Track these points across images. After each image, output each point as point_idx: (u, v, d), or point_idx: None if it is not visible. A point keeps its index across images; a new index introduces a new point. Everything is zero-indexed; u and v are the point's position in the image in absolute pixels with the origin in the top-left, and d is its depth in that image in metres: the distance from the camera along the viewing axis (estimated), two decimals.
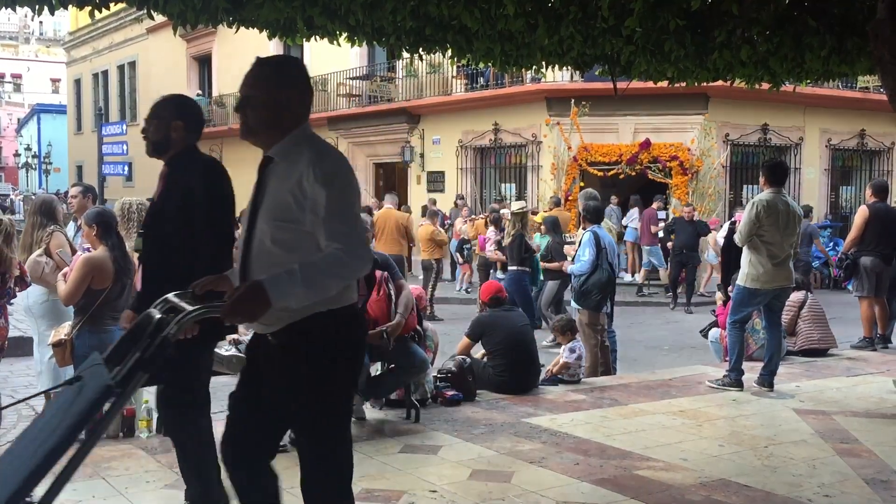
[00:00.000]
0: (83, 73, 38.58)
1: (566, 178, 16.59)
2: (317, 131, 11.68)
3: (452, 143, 19.27)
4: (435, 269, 13.15)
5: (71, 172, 40.66)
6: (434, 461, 4.94)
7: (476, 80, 18.77)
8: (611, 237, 7.92)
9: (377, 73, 21.56)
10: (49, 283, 5.99)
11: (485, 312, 7.12)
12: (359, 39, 5.46)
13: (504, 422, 5.84)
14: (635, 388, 7.05)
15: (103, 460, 4.77)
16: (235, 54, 26.11)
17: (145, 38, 31.62)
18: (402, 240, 12.29)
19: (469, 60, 6.00)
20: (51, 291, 6.12)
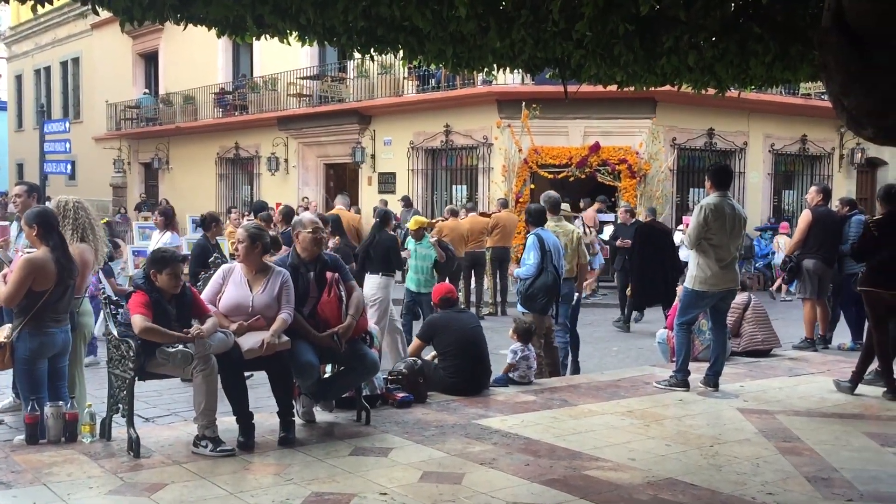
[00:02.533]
0: (24, 68, 37.59)
1: (517, 181, 16.68)
2: (266, 131, 11.74)
3: (404, 144, 19.24)
4: None
5: (11, 171, 39.55)
6: (385, 463, 4.92)
7: (427, 81, 18.77)
8: (556, 239, 7.91)
9: (328, 73, 21.41)
10: None
11: (436, 314, 7.12)
12: (309, 39, 5.41)
13: (455, 423, 5.84)
14: (584, 389, 7.12)
15: (44, 466, 4.66)
16: (183, 52, 25.74)
17: (90, 34, 30.93)
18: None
19: (421, 62, 5.99)
20: None
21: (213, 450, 4.93)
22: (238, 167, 25.18)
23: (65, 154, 23.04)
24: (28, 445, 5.07)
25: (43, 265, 5.13)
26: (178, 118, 26.07)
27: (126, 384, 5.02)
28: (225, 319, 5.31)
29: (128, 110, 28.40)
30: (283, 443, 5.21)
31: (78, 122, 30.26)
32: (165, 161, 27.44)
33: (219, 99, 24.60)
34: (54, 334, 5.24)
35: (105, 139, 29.69)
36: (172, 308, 5.16)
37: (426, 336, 6.90)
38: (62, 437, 5.13)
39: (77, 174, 27.20)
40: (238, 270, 5.53)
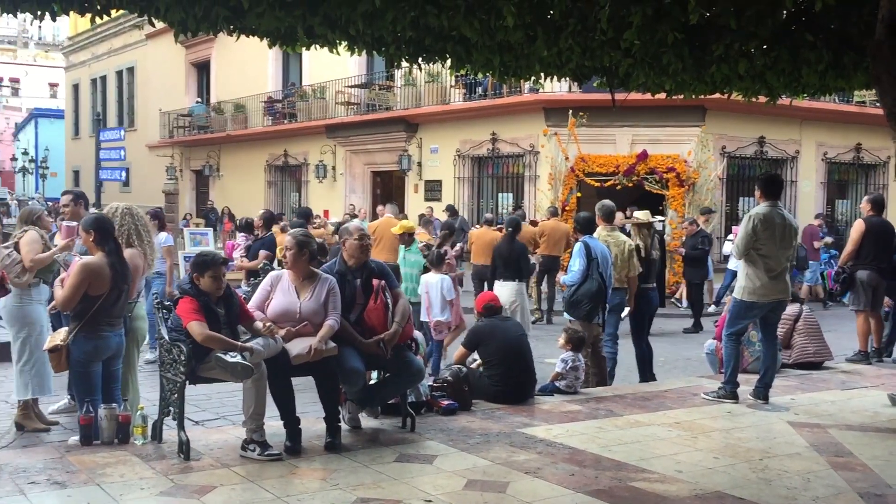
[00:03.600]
0: (81, 77, 38.60)
1: (563, 189, 16.61)
2: (315, 139, 11.82)
3: (450, 152, 19.30)
4: None
5: (68, 177, 40.64)
6: (429, 470, 4.93)
7: (474, 89, 18.83)
8: (604, 248, 7.86)
9: (375, 82, 21.60)
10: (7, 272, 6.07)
11: (481, 322, 7.13)
12: (358, 49, 5.49)
13: (500, 432, 5.84)
14: (631, 400, 7.05)
15: (98, 467, 4.77)
16: (234, 61, 26.18)
17: (144, 44, 31.66)
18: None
19: (468, 70, 6.03)
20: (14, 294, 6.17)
21: (261, 454, 5.00)
22: (286, 174, 25.51)
23: (119, 161, 23.62)
24: (82, 446, 5.19)
25: (98, 270, 5.27)
26: (229, 126, 26.51)
27: (177, 388, 5.12)
28: (262, 324, 5.37)
29: (180, 118, 28.98)
30: (330, 448, 5.26)
31: (132, 131, 30.97)
32: (216, 168, 27.92)
33: (268, 107, 24.97)
34: (108, 338, 5.37)
35: (158, 147, 30.33)
36: (221, 310, 5.25)
37: (471, 344, 6.91)
38: (115, 439, 5.25)
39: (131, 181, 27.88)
40: (286, 277, 5.61)
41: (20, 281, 6.12)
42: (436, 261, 8.96)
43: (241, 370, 4.94)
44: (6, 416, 6.34)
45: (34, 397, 6.23)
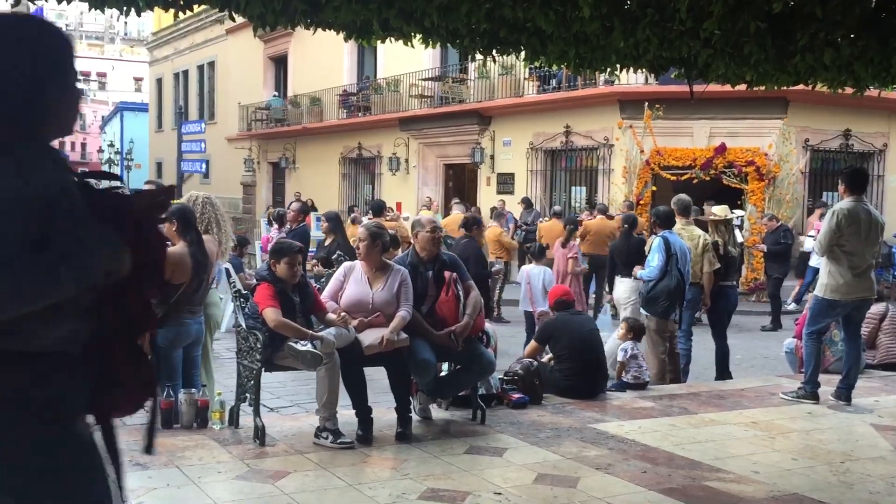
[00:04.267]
0: (164, 72, 39.74)
1: (638, 182, 16.37)
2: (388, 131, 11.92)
3: (523, 145, 19.22)
4: (502, 271, 13.13)
5: (151, 169, 41.91)
6: (499, 463, 4.94)
7: (548, 81, 18.68)
8: (683, 242, 7.74)
9: (449, 75, 21.63)
10: None
11: (552, 316, 7.09)
12: (433, 41, 5.49)
13: (570, 426, 5.80)
14: (706, 398, 6.92)
15: (178, 449, 4.92)
16: (311, 55, 26.58)
17: (224, 39, 32.38)
18: None
19: (543, 63, 5.98)
20: None
21: (334, 441, 5.08)
22: (360, 167, 25.79)
23: (200, 153, 24.24)
24: (163, 429, 5.36)
25: (180, 259, 5.42)
26: (305, 119, 26.93)
27: (253, 375, 5.24)
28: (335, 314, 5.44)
29: (258, 111, 29.56)
30: (400, 438, 5.31)
31: (212, 123, 31.73)
32: (292, 160, 28.41)
33: (343, 100, 25.26)
34: (189, 325, 5.53)
35: (237, 139, 31.02)
36: (296, 298, 5.36)
37: (542, 338, 6.88)
38: (194, 423, 5.41)
39: (210, 173, 28.55)
40: (359, 268, 5.68)
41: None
42: (537, 253, 9.18)
43: (311, 359, 5.03)
44: None
45: None
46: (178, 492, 4.26)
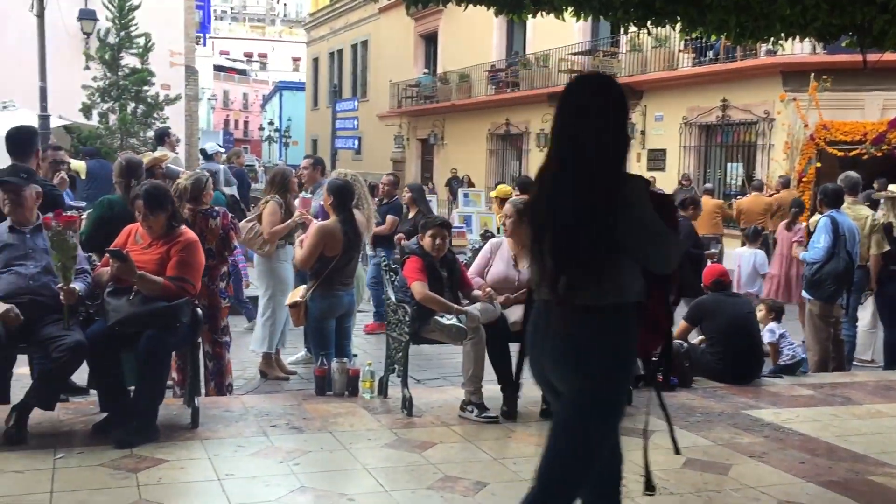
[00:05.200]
0: (321, 52, 41.11)
1: (801, 159, 15.46)
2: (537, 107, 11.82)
3: (676, 120, 18.57)
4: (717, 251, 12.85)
5: (307, 146, 43.61)
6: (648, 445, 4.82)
7: (704, 53, 17.92)
8: (852, 223, 7.26)
9: (600, 48, 21.17)
10: (252, 246, 6.55)
11: (706, 296, 6.84)
12: (585, 14, 5.37)
13: (722, 412, 5.60)
14: (873, 388, 6.50)
15: (330, 416, 5.12)
16: (460, 32, 26.72)
17: (377, 18, 33.10)
18: None
19: (701, 33, 5.72)
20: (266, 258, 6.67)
21: (479, 415, 5.14)
22: (508, 143, 25.76)
23: (352, 130, 25.00)
24: (317, 396, 5.60)
25: (332, 233, 5.63)
26: (454, 95, 27.14)
27: (402, 347, 5.37)
28: (481, 290, 5.46)
29: (408, 89, 30.08)
30: (545, 415, 5.29)
31: (364, 101, 32.58)
32: (440, 137, 28.75)
33: (491, 76, 25.26)
34: (341, 296, 5.74)
35: (387, 116, 31.71)
36: (444, 272, 5.43)
37: (694, 318, 6.66)
38: (346, 391, 5.61)
39: (362, 149, 29.36)
40: (505, 245, 5.68)
41: (262, 252, 6.63)
42: (752, 236, 9.32)
43: (457, 332, 5.09)
44: (253, 364, 6.96)
45: (268, 350, 6.78)
46: (331, 455, 4.43)
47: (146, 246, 4.76)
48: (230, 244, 5.71)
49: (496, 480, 4.15)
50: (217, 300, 5.63)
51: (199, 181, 5.68)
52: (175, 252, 4.70)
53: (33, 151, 5.51)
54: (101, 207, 5.63)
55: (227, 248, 5.69)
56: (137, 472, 4.03)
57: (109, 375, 4.61)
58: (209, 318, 5.57)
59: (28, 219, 4.72)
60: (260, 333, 6.73)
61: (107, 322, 4.51)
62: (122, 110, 18.58)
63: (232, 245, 5.74)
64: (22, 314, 4.34)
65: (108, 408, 4.64)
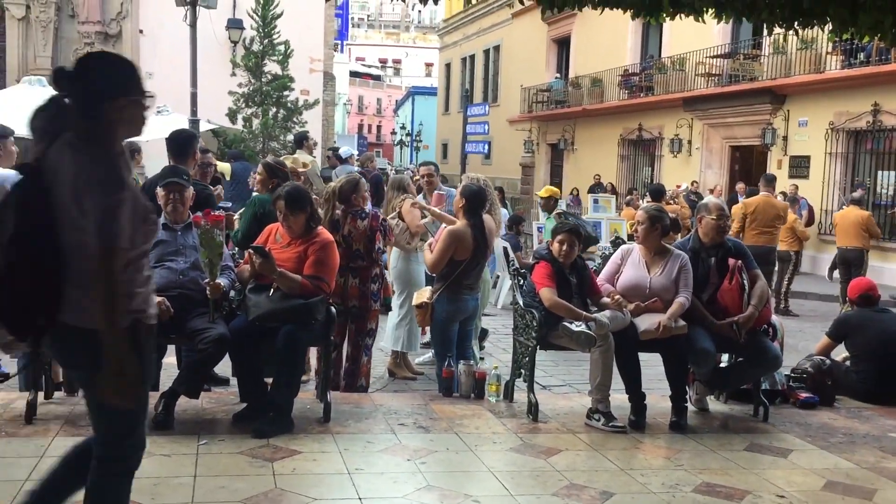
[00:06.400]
0: (453, 57, 41.60)
1: None
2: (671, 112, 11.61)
3: (821, 125, 17.66)
4: (793, 260, 12.24)
5: (437, 150, 44.22)
6: (783, 464, 4.63)
7: (855, 55, 16.97)
8: None
9: (740, 51, 20.41)
10: (399, 243, 6.65)
11: (852, 311, 6.49)
12: (727, 16, 5.22)
13: (867, 433, 5.29)
14: None
15: (456, 417, 5.17)
16: (594, 36, 26.42)
17: (510, 23, 33.17)
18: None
19: (852, 35, 5.44)
20: (401, 256, 6.77)
21: (605, 424, 5.06)
22: (640, 148, 25.25)
23: (483, 135, 25.15)
24: (443, 397, 5.67)
25: (463, 237, 5.68)
26: (585, 100, 26.84)
27: (529, 352, 5.36)
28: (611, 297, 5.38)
29: (539, 94, 29.99)
30: (674, 427, 5.16)
31: (495, 106, 32.71)
32: (571, 142, 28.50)
33: (625, 81, 24.84)
34: (467, 300, 5.78)
35: (517, 121, 31.71)
36: (573, 279, 5.39)
37: (837, 334, 6.33)
38: (472, 394, 5.65)
39: (492, 154, 29.50)
40: (637, 252, 5.58)
41: (409, 246, 6.77)
42: None
43: (585, 339, 5.03)
44: (382, 363, 7.12)
45: (403, 351, 6.92)
46: (457, 457, 4.48)
47: (285, 245, 4.97)
48: (377, 246, 5.85)
49: (622, 491, 4.08)
50: (368, 302, 5.80)
51: (350, 182, 5.87)
52: (312, 251, 4.88)
53: (191, 154, 5.90)
54: (255, 205, 5.95)
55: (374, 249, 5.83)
56: (273, 461, 4.20)
57: (249, 368, 4.84)
58: (357, 319, 5.75)
59: (182, 218, 5.03)
60: (393, 333, 6.87)
61: (248, 317, 4.74)
62: (264, 115, 19.44)
63: (377, 247, 5.86)
64: (171, 307, 4.62)
65: (248, 398, 4.87)
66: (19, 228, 2.52)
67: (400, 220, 6.72)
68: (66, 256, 2.52)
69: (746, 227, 10.55)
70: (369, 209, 5.93)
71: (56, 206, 2.51)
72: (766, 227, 10.63)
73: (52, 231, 2.52)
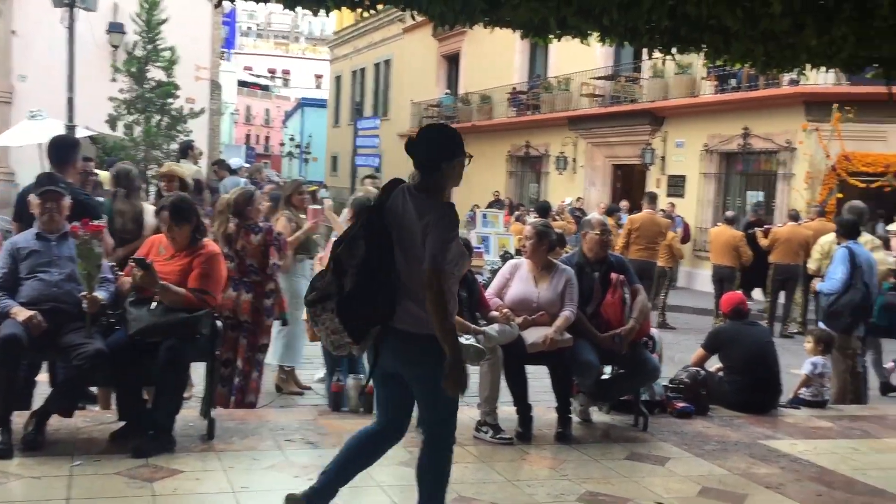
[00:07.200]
0: (344, 70, 41.41)
1: (822, 189, 15.41)
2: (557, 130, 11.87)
3: (697, 146, 18.55)
4: (668, 275, 12.77)
5: (327, 163, 43.83)
6: (661, 472, 4.81)
7: (727, 81, 17.92)
8: (869, 254, 7.26)
9: (622, 74, 21.22)
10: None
11: (724, 324, 6.81)
12: (611, 39, 5.39)
13: (738, 441, 5.56)
14: (892, 422, 6.43)
15: (345, 431, 5.08)
16: (483, 54, 26.86)
17: (401, 38, 33.33)
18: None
19: (725, 61, 5.74)
20: (283, 273, 6.68)
21: (493, 436, 5.13)
22: (527, 165, 25.81)
23: (373, 149, 25.11)
24: (332, 412, 5.61)
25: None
26: (475, 116, 27.25)
27: None
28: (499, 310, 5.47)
29: (430, 109, 30.23)
30: (560, 438, 5.28)
31: (386, 120, 32.75)
32: None
33: (513, 98, 25.36)
34: None
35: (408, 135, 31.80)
36: (464, 293, 5.43)
37: (711, 346, 6.63)
38: (361, 408, 5.61)
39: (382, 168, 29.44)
40: (524, 266, 5.69)
41: (281, 263, 6.66)
42: None
43: (474, 353, 5.08)
44: (268, 378, 6.96)
45: (284, 364, 6.79)
46: None
47: (169, 257, 4.81)
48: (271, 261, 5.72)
49: (510, 502, 4.14)
50: (261, 317, 5.66)
51: (244, 195, 5.74)
52: (197, 264, 4.74)
53: (72, 162, 5.62)
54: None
55: (269, 264, 5.70)
56: (153, 481, 4.05)
57: (128, 384, 4.64)
58: (249, 334, 5.61)
59: (58, 227, 4.79)
60: (276, 348, 6.75)
61: (127, 331, 4.56)
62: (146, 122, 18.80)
63: (272, 262, 5.73)
64: (44, 321, 4.39)
65: (126, 416, 4.67)
66: (368, 255, 3.24)
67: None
68: (400, 278, 3.25)
69: (631, 243, 11.01)
70: (263, 223, 5.82)
71: (396, 239, 3.27)
72: (648, 243, 11.11)
73: (392, 258, 3.27)
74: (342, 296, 3.24)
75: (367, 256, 3.25)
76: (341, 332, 3.28)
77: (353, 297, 3.22)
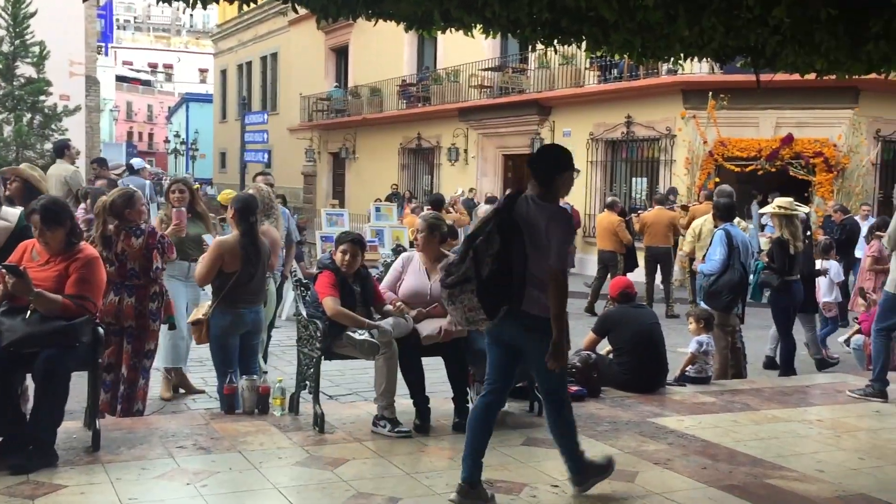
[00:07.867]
0: (229, 64, 40.40)
1: (700, 174, 16.07)
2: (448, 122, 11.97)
3: (583, 135, 19.01)
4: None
5: (215, 159, 42.72)
6: (556, 455, 4.86)
7: (609, 71, 18.43)
8: (745, 235, 7.64)
9: (509, 65, 21.52)
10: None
11: (613, 308, 7.02)
12: (493, 31, 5.45)
13: (629, 420, 5.74)
14: (769, 394, 6.78)
15: (240, 435, 5.01)
16: (371, 46, 26.72)
17: (287, 31, 32.77)
18: None
19: (605, 52, 5.89)
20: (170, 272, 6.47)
21: (391, 430, 5.12)
22: (420, 157, 25.87)
23: (262, 144, 24.61)
24: (225, 415, 5.48)
25: (230, 248, 5.50)
26: (365, 109, 27.10)
27: (313, 363, 5.31)
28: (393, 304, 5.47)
29: (319, 102, 29.88)
30: (457, 428, 5.31)
31: (275, 114, 32.16)
32: (352, 151, 28.64)
33: (403, 91, 25.35)
34: (244, 314, 5.59)
35: (298, 130, 31.40)
36: (357, 287, 5.40)
37: (601, 330, 6.82)
38: (255, 409, 5.50)
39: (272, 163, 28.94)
40: (417, 259, 5.70)
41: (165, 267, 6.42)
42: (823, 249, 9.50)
43: (369, 347, 5.07)
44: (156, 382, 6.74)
45: (169, 366, 6.60)
46: (240, 476, 4.34)
47: (43, 263, 4.57)
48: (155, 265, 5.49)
49: (409, 496, 4.14)
50: (146, 321, 5.44)
51: (123, 196, 5.49)
52: (74, 269, 4.53)
53: None
54: None
55: (152, 268, 5.48)
56: (34, 498, 3.86)
57: (3, 398, 4.40)
58: (134, 340, 5.40)
59: None
60: (159, 351, 6.53)
61: (0, 343, 4.31)
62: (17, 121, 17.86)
63: (156, 266, 5.51)
64: None
65: (3, 431, 4.42)
66: (502, 246, 3.91)
67: None
68: (528, 268, 3.92)
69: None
70: (145, 225, 5.59)
71: (525, 234, 3.93)
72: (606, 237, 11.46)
73: (522, 250, 3.93)
74: (480, 279, 3.85)
75: (500, 249, 3.90)
76: (478, 308, 3.88)
77: (491, 281, 3.86)
